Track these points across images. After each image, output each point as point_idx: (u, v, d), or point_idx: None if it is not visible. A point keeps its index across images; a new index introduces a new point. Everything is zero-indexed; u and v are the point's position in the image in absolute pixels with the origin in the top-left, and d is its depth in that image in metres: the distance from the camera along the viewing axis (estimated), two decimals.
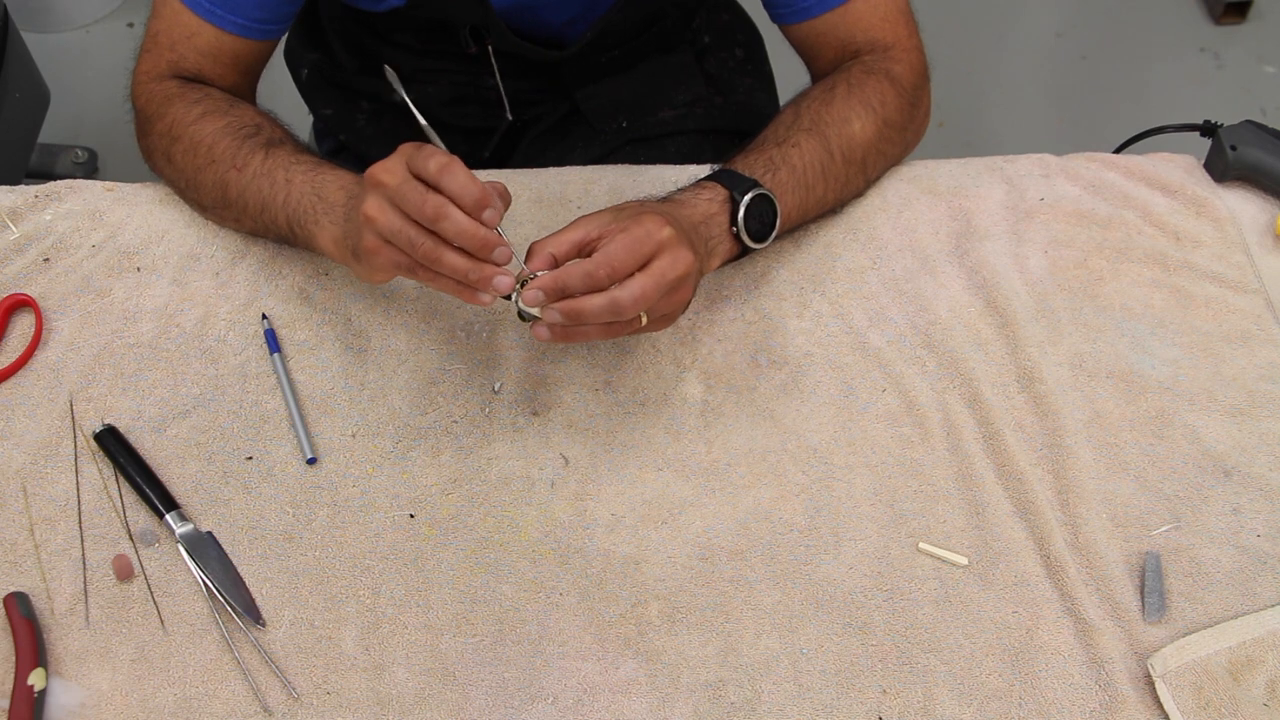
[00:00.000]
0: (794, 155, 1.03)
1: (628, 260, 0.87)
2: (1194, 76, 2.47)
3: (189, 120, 1.06)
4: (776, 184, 1.02)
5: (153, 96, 1.09)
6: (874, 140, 1.08)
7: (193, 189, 1.08)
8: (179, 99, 1.07)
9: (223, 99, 1.08)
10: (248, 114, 1.07)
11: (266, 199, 1.01)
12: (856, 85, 1.08)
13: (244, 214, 1.04)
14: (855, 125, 1.06)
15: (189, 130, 1.06)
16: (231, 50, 1.10)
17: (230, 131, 1.04)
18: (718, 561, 0.92)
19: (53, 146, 2.22)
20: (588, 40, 1.21)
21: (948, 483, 0.96)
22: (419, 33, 1.25)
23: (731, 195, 0.99)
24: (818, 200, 1.06)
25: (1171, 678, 0.85)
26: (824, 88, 1.09)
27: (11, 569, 0.92)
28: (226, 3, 1.07)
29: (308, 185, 0.99)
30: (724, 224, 0.99)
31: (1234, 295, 1.06)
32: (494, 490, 0.96)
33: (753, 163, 1.03)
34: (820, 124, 1.05)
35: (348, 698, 0.86)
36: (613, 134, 1.31)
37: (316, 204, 0.97)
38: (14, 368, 1.02)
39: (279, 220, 1.01)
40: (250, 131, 1.04)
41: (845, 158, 1.06)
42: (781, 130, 1.05)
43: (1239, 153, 1.12)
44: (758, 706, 0.86)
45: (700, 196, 0.99)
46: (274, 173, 1.01)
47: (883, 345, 1.04)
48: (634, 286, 0.87)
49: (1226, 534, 0.93)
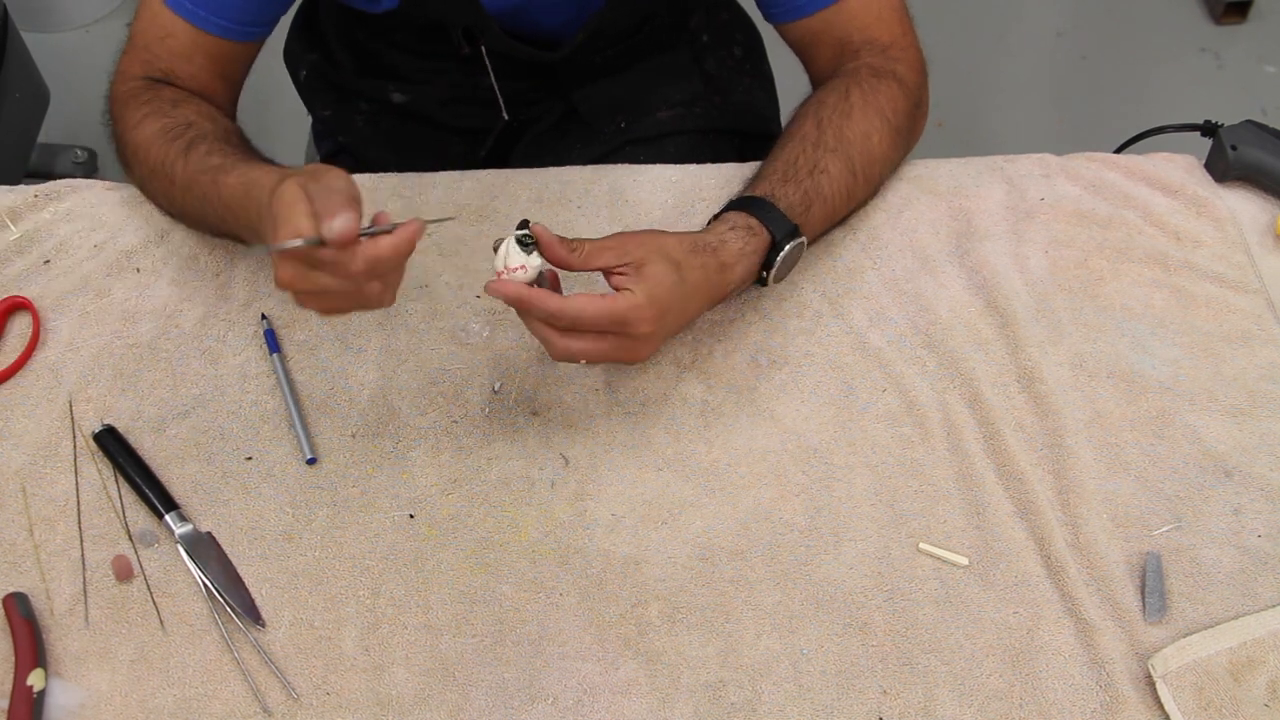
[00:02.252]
0: (824, 184, 1.03)
1: (591, 327, 0.90)
2: (1194, 76, 2.47)
3: (132, 124, 1.05)
4: (810, 220, 1.02)
5: (116, 98, 1.09)
6: (888, 152, 1.09)
7: (150, 197, 1.08)
8: (133, 101, 1.06)
9: (168, 100, 1.06)
10: (185, 113, 1.04)
11: (203, 211, 1.01)
12: (870, 91, 1.08)
13: (196, 223, 1.05)
14: (874, 140, 1.07)
15: (132, 135, 1.05)
16: (210, 51, 1.09)
17: (162, 135, 1.02)
18: (718, 561, 0.92)
19: (53, 146, 2.22)
20: (580, 41, 1.21)
21: (948, 483, 0.96)
22: (415, 33, 1.25)
23: (773, 241, 0.99)
24: (835, 223, 1.09)
25: (1172, 678, 0.85)
26: (839, 94, 1.08)
27: (11, 569, 0.92)
28: (210, 3, 1.06)
29: (224, 194, 0.96)
30: (754, 270, 1.00)
31: (1234, 295, 1.06)
32: (494, 490, 0.96)
33: (791, 196, 1.01)
34: (844, 142, 1.05)
35: (348, 698, 0.86)
36: (611, 134, 1.31)
37: (241, 216, 0.94)
38: (13, 368, 1.02)
39: (228, 229, 0.99)
40: (177, 133, 1.02)
41: (866, 177, 1.07)
42: (809, 150, 1.04)
43: (1239, 153, 1.12)
44: (758, 707, 0.86)
45: (739, 239, 0.98)
46: (193, 184, 0.99)
47: (883, 345, 1.04)
48: (574, 347, 0.90)
49: (1227, 534, 0.93)
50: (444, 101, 1.31)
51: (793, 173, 1.03)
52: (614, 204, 1.13)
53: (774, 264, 0.99)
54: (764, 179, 1.03)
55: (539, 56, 1.22)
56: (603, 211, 1.13)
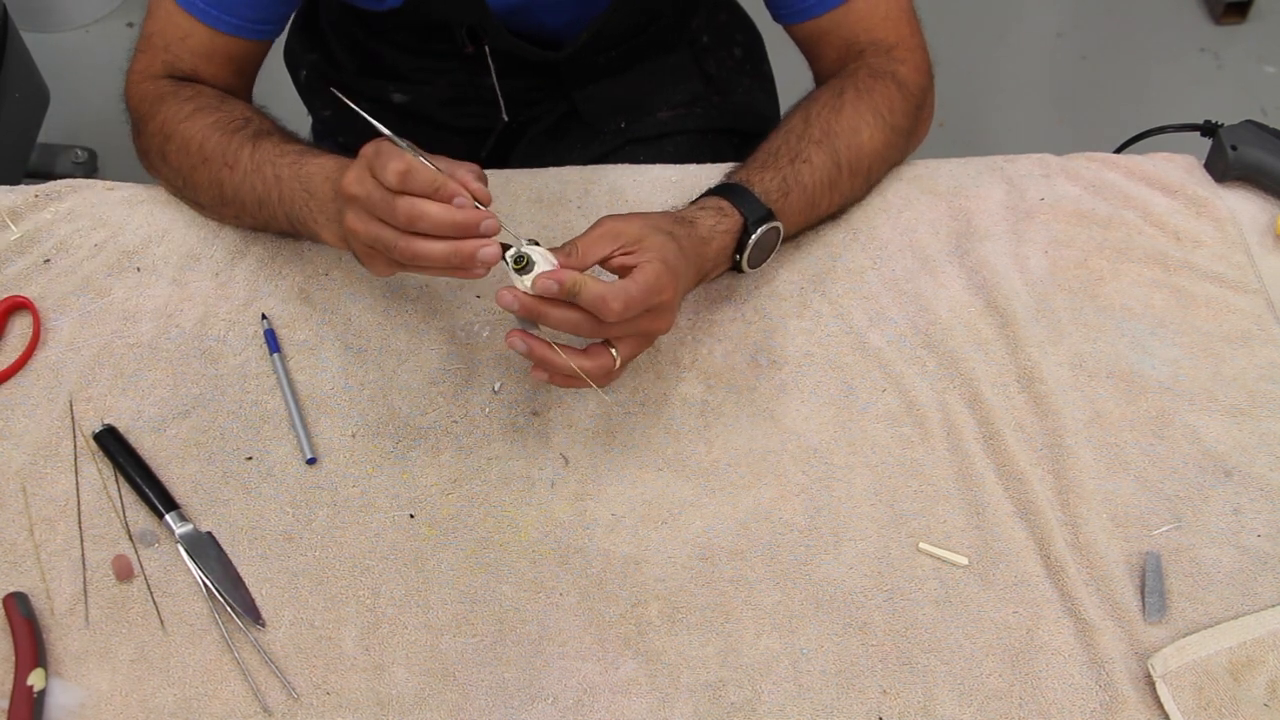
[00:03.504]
0: (805, 173, 1.03)
1: (640, 305, 0.89)
2: (1194, 76, 2.47)
3: (180, 118, 1.06)
4: (787, 207, 1.02)
5: (145, 96, 1.09)
6: (881, 149, 1.09)
7: (190, 188, 1.08)
8: (171, 97, 1.07)
9: (214, 95, 1.08)
10: (237, 109, 1.06)
11: (261, 196, 1.01)
12: (865, 91, 1.08)
13: (243, 211, 1.05)
14: (864, 135, 1.07)
15: (180, 128, 1.06)
16: (225, 50, 1.10)
17: (220, 127, 1.04)
18: (718, 561, 0.92)
19: (53, 146, 2.22)
20: (584, 41, 1.21)
21: (948, 483, 0.96)
22: (417, 32, 1.25)
23: (745, 224, 0.99)
24: (820, 214, 1.08)
25: (1172, 678, 0.85)
26: (832, 92, 1.09)
27: (11, 569, 0.92)
28: (221, 3, 1.07)
29: (295, 181, 0.99)
30: (728, 249, 1.00)
31: (1234, 295, 1.06)
32: (494, 490, 0.96)
33: (767, 182, 1.02)
34: (830, 135, 1.05)
35: (348, 698, 0.86)
36: (611, 134, 1.31)
37: (309, 200, 0.97)
38: (14, 368, 1.02)
39: (279, 216, 1.01)
40: (238, 125, 1.04)
41: (852, 170, 1.07)
42: (793, 141, 1.05)
43: (1239, 153, 1.12)
44: (758, 706, 0.86)
45: (710, 217, 0.99)
46: (262, 169, 1.01)
47: (883, 345, 1.04)
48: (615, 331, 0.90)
49: (1227, 534, 0.93)
50: (445, 102, 1.31)
51: (773, 161, 1.04)
52: (614, 204, 1.13)
53: (746, 246, 1.00)
54: (744, 167, 1.04)
55: (542, 56, 1.22)
56: (602, 211, 1.13)
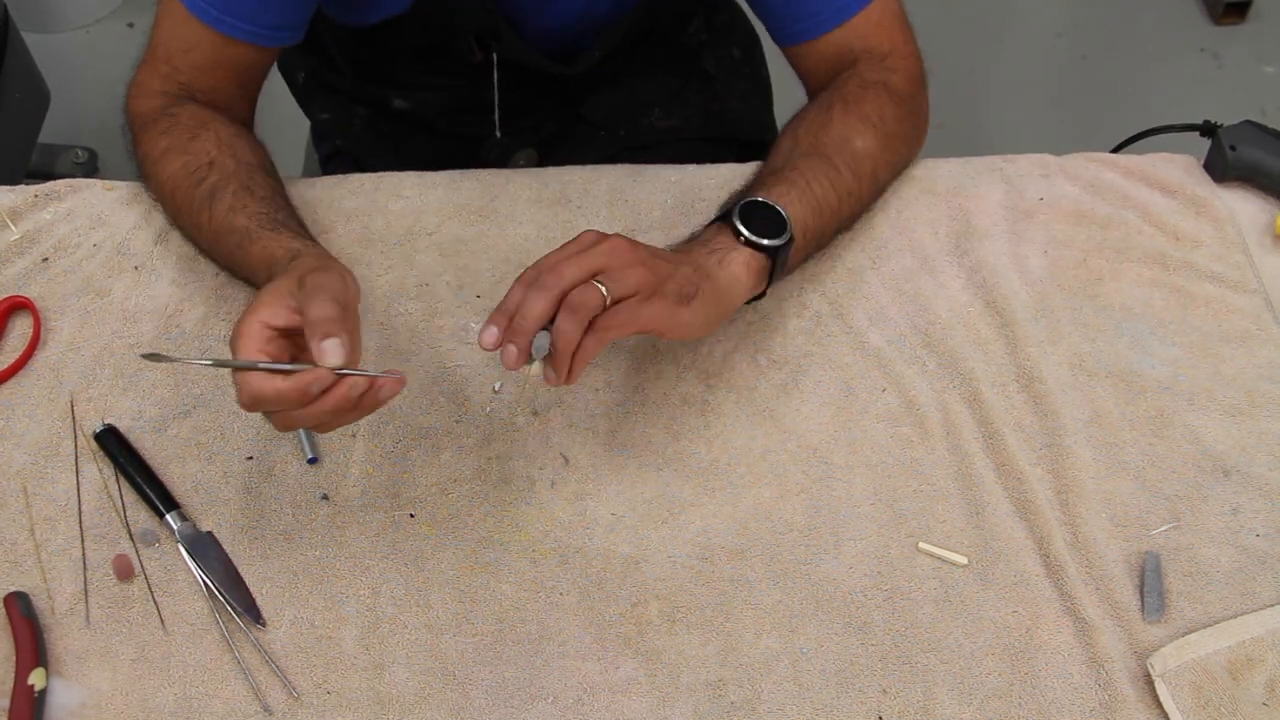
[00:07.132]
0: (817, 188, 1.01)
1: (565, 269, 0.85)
2: (1194, 76, 2.47)
3: (154, 157, 1.05)
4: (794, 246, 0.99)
5: (137, 116, 1.08)
6: (876, 151, 1.06)
7: (177, 227, 1.09)
8: (152, 127, 1.06)
9: (187, 129, 1.04)
10: (204, 147, 1.03)
11: (231, 266, 1.03)
12: (854, 101, 1.06)
13: (224, 269, 1.06)
14: (856, 142, 1.04)
15: (155, 170, 1.05)
16: (235, 59, 1.07)
17: (186, 176, 1.02)
18: (718, 561, 0.92)
19: (53, 146, 2.22)
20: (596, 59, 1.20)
21: (948, 483, 0.96)
22: (422, 36, 1.25)
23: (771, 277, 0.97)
24: (820, 246, 1.06)
25: (1171, 677, 0.85)
26: (819, 108, 1.07)
27: (12, 569, 0.92)
28: (235, 9, 1.03)
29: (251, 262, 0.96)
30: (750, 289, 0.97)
31: (1234, 295, 1.06)
32: (494, 490, 0.96)
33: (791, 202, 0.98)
34: (820, 145, 1.03)
35: (348, 697, 0.86)
36: (608, 141, 1.31)
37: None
38: (14, 368, 1.02)
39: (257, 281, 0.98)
40: (200, 176, 1.01)
41: (855, 173, 1.04)
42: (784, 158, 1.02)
43: (1239, 153, 1.12)
44: (758, 706, 0.86)
45: (737, 260, 0.95)
46: (220, 241, 1.00)
47: (883, 345, 1.04)
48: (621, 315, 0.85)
49: (1226, 534, 0.93)
50: (444, 110, 1.31)
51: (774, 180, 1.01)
52: (614, 204, 1.13)
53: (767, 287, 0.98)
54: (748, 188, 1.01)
55: (551, 69, 1.21)
56: (602, 211, 1.13)
